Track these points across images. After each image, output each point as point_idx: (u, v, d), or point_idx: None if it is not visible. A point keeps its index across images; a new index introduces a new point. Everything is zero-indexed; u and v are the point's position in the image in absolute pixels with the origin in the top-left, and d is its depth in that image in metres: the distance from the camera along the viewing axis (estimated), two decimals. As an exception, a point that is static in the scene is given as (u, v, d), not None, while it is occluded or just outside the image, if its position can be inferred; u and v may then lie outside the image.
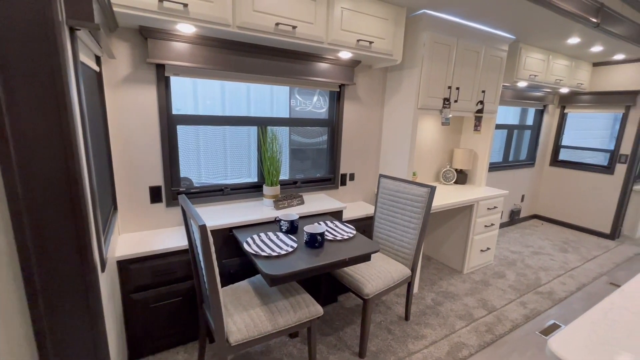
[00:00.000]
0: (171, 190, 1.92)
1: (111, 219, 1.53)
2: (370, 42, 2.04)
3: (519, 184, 4.27)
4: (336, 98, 2.46)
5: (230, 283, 1.88)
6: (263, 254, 1.52)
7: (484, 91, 2.76)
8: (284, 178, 2.42)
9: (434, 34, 2.30)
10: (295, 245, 1.62)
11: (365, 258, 1.67)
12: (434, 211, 2.44)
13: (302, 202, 2.21)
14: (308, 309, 1.56)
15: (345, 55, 2.14)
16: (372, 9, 2.02)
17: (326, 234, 1.81)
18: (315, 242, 1.62)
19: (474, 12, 2.23)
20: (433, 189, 1.96)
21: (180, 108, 1.99)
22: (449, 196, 2.69)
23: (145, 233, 1.87)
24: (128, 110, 1.74)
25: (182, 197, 1.51)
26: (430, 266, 3.05)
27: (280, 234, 1.76)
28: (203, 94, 2.07)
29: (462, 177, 3.21)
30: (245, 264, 1.91)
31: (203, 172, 2.12)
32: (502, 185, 4.05)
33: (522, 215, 4.49)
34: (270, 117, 2.25)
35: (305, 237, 1.64)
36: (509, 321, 2.26)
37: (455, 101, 2.59)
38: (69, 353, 0.95)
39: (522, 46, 3.05)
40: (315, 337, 1.63)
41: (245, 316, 1.46)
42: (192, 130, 2.02)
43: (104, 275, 1.16)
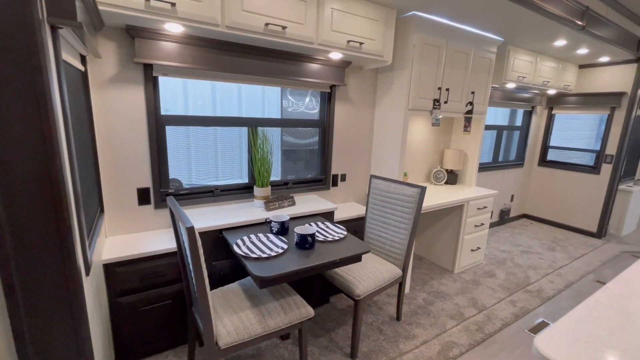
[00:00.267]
0: (160, 191, 1.90)
1: (97, 222, 1.50)
2: (361, 43, 2.04)
3: (508, 184, 4.33)
4: (327, 99, 2.46)
5: (220, 285, 1.86)
6: (253, 255, 1.50)
7: (473, 92, 2.79)
8: (275, 179, 2.41)
9: (424, 35, 2.32)
10: (285, 246, 1.61)
11: (356, 259, 1.67)
12: (425, 211, 2.46)
13: (293, 203, 2.20)
14: (299, 310, 1.55)
15: (335, 56, 2.14)
16: (362, 10, 2.03)
17: (317, 234, 1.80)
18: (305, 243, 1.61)
19: (462, 14, 2.26)
20: (423, 189, 1.98)
21: (169, 109, 1.96)
22: (440, 196, 2.71)
23: (133, 235, 1.84)
24: (115, 110, 1.71)
25: (171, 199, 1.49)
26: (422, 266, 3.07)
27: (270, 236, 1.75)
28: (193, 94, 2.05)
29: (452, 178, 3.23)
30: (235, 266, 1.90)
31: (194, 173, 2.10)
32: (492, 186, 4.10)
33: (511, 214, 4.55)
34: (261, 117, 2.23)
35: (295, 238, 1.64)
36: (499, 320, 2.29)
37: (445, 102, 2.61)
38: (51, 360, 0.93)
39: (511, 48, 3.09)
40: (306, 339, 1.62)
41: (235, 319, 1.44)
42: (182, 131, 2.00)
43: (88, 279, 1.14)
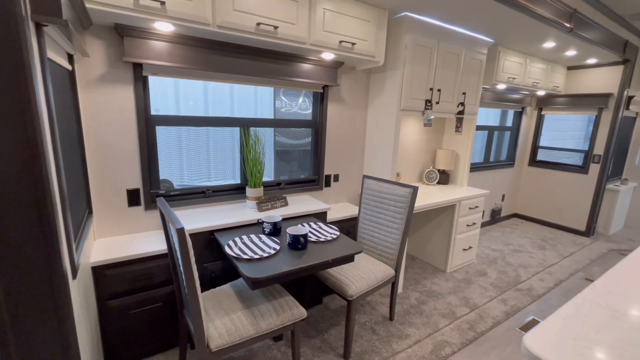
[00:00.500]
0: (150, 192, 1.87)
1: (85, 224, 1.47)
2: (353, 44, 2.05)
3: (499, 184, 4.38)
4: (320, 99, 2.46)
5: (212, 287, 1.84)
6: (245, 256, 1.49)
7: (464, 93, 2.82)
8: (268, 179, 2.39)
9: (416, 36, 2.34)
10: (277, 247, 1.60)
11: (348, 259, 1.67)
12: (417, 211, 2.47)
13: (285, 204, 2.19)
14: (291, 311, 1.54)
15: (328, 56, 2.14)
16: (354, 11, 2.03)
17: (309, 235, 1.80)
18: (298, 243, 1.61)
19: (453, 15, 2.28)
20: (415, 189, 1.99)
21: (159, 108, 1.94)
22: (432, 196, 2.73)
23: (122, 237, 1.81)
24: (103, 110, 1.68)
25: (161, 200, 1.47)
26: (415, 266, 3.08)
27: (262, 236, 1.74)
28: (185, 94, 2.03)
29: (444, 178, 3.26)
30: (227, 267, 1.88)
31: (185, 174, 2.07)
32: (484, 185, 4.15)
33: (502, 214, 4.61)
34: (253, 118, 2.22)
35: (288, 239, 1.63)
36: (490, 318, 2.31)
37: (437, 103, 2.63)
38: (36, 365, 0.91)
39: (501, 50, 3.13)
40: (299, 340, 1.61)
41: (227, 321, 1.43)
42: (174, 131, 1.98)
43: (75, 282, 1.11)
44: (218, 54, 1.86)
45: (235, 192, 2.20)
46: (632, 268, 1.27)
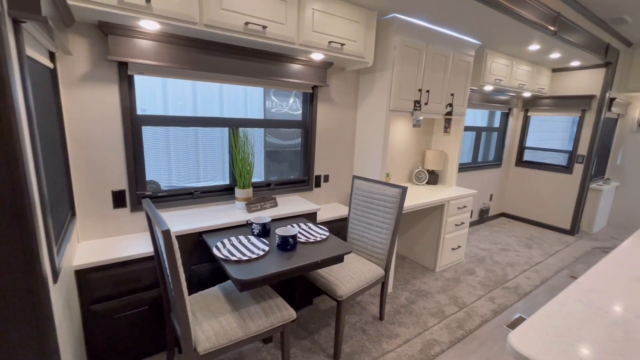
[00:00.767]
0: (136, 194, 1.84)
1: (68, 226, 1.44)
2: (342, 44, 2.05)
3: (487, 184, 4.45)
4: (309, 99, 2.46)
5: (200, 289, 1.82)
6: (233, 258, 1.47)
7: (452, 94, 2.85)
8: (257, 180, 2.38)
9: (404, 37, 2.35)
10: (266, 248, 1.59)
11: (338, 259, 1.67)
12: (407, 211, 2.49)
13: (275, 205, 2.18)
14: (280, 313, 1.53)
15: (317, 56, 2.14)
16: (343, 12, 2.04)
17: (299, 236, 1.79)
18: (287, 244, 1.60)
19: (441, 17, 2.31)
20: (404, 190, 2.00)
21: (146, 108, 1.90)
22: (421, 196, 2.75)
23: (108, 240, 1.77)
24: (87, 110, 1.64)
25: (147, 202, 1.44)
26: (405, 265, 3.10)
27: (251, 238, 1.72)
28: (173, 94, 2.00)
29: (433, 178, 3.29)
30: (216, 269, 1.86)
31: (174, 175, 2.04)
32: (472, 185, 4.21)
33: (490, 213, 4.68)
34: (242, 118, 2.20)
35: (277, 240, 1.62)
36: (479, 316, 2.34)
37: (426, 104, 2.66)
38: (14, 373, 0.88)
39: (488, 52, 3.18)
40: (288, 342, 1.60)
41: (215, 323, 1.41)
42: (162, 131, 1.94)
43: (56, 287, 1.08)
44: (206, 53, 1.84)
45: (224, 193, 2.18)
46: (613, 266, 1.31)
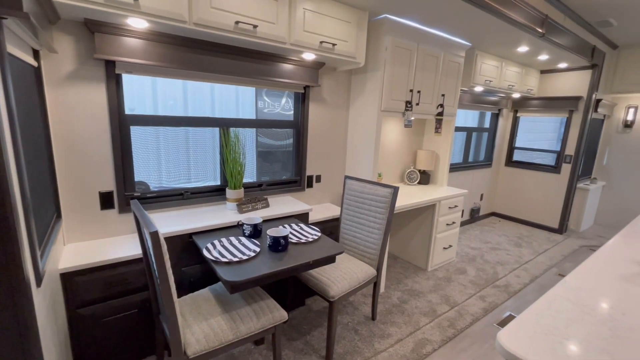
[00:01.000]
0: (124, 195, 1.80)
1: (53, 228, 1.40)
2: (334, 44, 2.05)
3: (478, 184, 4.50)
4: (301, 100, 2.45)
5: (191, 291, 1.79)
6: (224, 259, 1.46)
7: (443, 95, 2.87)
8: (249, 181, 2.36)
9: (396, 38, 2.36)
10: (258, 249, 1.58)
11: (329, 260, 1.66)
12: (399, 211, 2.50)
13: (267, 205, 2.16)
14: (272, 314, 1.52)
15: (308, 56, 2.13)
16: (334, 12, 2.04)
17: (290, 236, 1.78)
18: (278, 245, 1.59)
19: (432, 18, 2.32)
20: (396, 190, 2.00)
21: (135, 108, 1.87)
22: (413, 196, 2.77)
23: (95, 242, 1.73)
24: (73, 108, 1.60)
25: (135, 203, 1.41)
26: (397, 265, 3.12)
27: (242, 239, 1.71)
28: (164, 93, 1.97)
29: (425, 178, 3.32)
30: (206, 271, 1.83)
31: (164, 175, 2.01)
32: (463, 185, 4.25)
33: (481, 213, 4.74)
34: (233, 118, 2.18)
35: (268, 241, 1.60)
36: (470, 315, 2.36)
37: (417, 104, 2.67)
38: (-6, 380, 0.85)
39: (478, 53, 3.22)
40: (280, 343, 1.59)
41: (205, 326, 1.39)
42: (151, 131, 1.91)
43: (40, 290, 1.05)
44: (196, 52, 1.82)
45: (215, 193, 2.16)
46: (599, 264, 1.33)
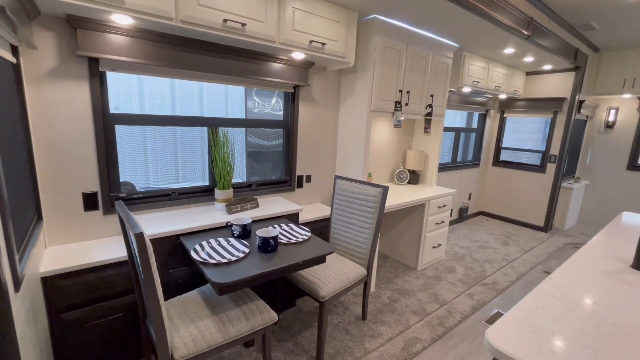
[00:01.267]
0: (109, 196, 1.76)
1: (33, 231, 1.35)
2: (323, 44, 2.04)
3: (466, 183, 4.56)
4: (291, 99, 2.43)
5: (178, 294, 1.76)
6: (212, 261, 1.43)
7: (432, 95, 2.90)
8: (239, 181, 2.33)
9: (385, 38, 2.37)
10: (247, 250, 1.56)
11: (319, 260, 1.66)
12: (389, 211, 2.51)
13: (256, 206, 2.14)
14: (261, 316, 1.50)
15: (298, 56, 2.12)
16: (324, 11, 2.03)
17: (280, 237, 1.76)
18: (268, 246, 1.57)
19: (420, 19, 2.34)
20: (386, 189, 2.01)
21: (120, 107, 1.83)
22: (403, 196, 2.79)
23: (78, 244, 1.69)
24: (55, 107, 1.55)
25: (120, 204, 1.38)
26: (387, 264, 3.13)
27: (231, 240, 1.68)
28: (150, 92, 1.93)
29: (414, 177, 3.34)
30: (194, 273, 1.80)
31: (151, 176, 1.97)
32: (451, 185, 4.30)
33: (469, 212, 4.80)
34: (221, 117, 2.15)
35: (257, 242, 1.59)
36: (459, 313, 2.39)
37: (406, 104, 2.69)
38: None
39: (466, 54, 3.26)
40: (270, 345, 1.58)
41: (193, 329, 1.37)
42: (138, 131, 1.87)
43: (19, 295, 1.01)
44: (184, 50, 1.79)
45: (204, 194, 2.13)
46: (583, 261, 1.36)
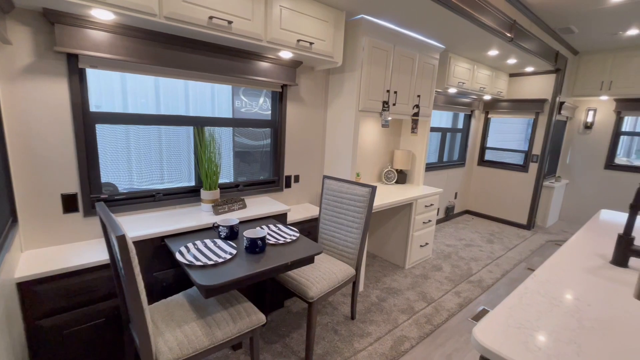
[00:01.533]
0: (90, 197, 1.70)
1: (7, 234, 1.29)
2: (311, 43, 2.03)
3: (452, 183, 4.64)
4: (279, 99, 2.41)
5: (163, 297, 1.72)
6: (198, 263, 1.40)
7: (419, 96, 2.93)
8: (226, 181, 2.30)
9: (372, 39, 2.38)
10: (234, 251, 1.53)
11: (308, 260, 1.65)
12: (377, 210, 2.52)
13: (244, 206, 2.11)
14: (249, 318, 1.48)
15: (286, 55, 2.10)
16: (311, 10, 2.02)
17: (268, 237, 1.74)
18: (255, 247, 1.55)
19: (407, 20, 2.36)
20: (374, 189, 2.02)
21: (101, 105, 1.77)
22: (390, 195, 2.80)
23: (57, 248, 1.62)
24: (31, 105, 1.49)
25: (100, 205, 1.33)
26: (375, 264, 3.15)
27: (218, 241, 1.65)
28: (134, 90, 1.87)
29: (402, 177, 3.37)
30: (180, 275, 1.76)
31: (135, 176, 1.92)
32: (438, 184, 4.37)
33: (455, 211, 4.88)
34: (207, 117, 2.11)
35: (245, 243, 1.56)
36: (446, 311, 2.42)
37: (394, 104, 2.71)
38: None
39: (451, 55, 3.31)
40: (258, 347, 1.55)
41: (179, 333, 1.33)
42: (121, 130, 1.81)
43: (-9, 303, 0.96)
44: (168, 47, 1.75)
45: (190, 195, 2.08)
46: (565, 257, 1.40)
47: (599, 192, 4.66)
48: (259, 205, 2.21)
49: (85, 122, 1.64)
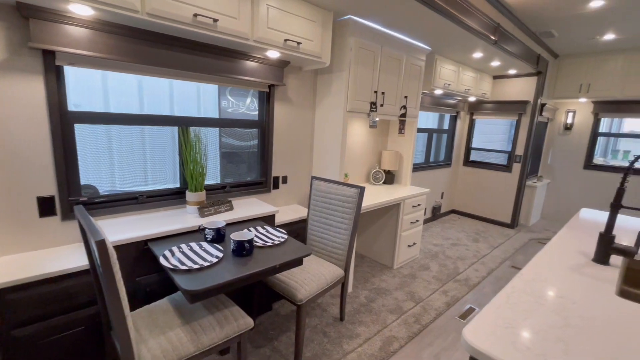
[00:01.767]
0: (68, 200, 1.63)
1: (-22, 240, 1.22)
2: (298, 43, 2.01)
3: (439, 183, 4.70)
4: (266, 99, 2.38)
5: (147, 303, 1.66)
6: (183, 267, 1.36)
7: (406, 97, 2.96)
8: (212, 182, 2.25)
9: (360, 39, 2.38)
10: (221, 255, 1.50)
11: (297, 263, 1.62)
12: (365, 211, 2.52)
13: (230, 208, 2.07)
14: (237, 322, 1.45)
15: (273, 54, 2.08)
16: (299, 10, 2.00)
17: (256, 240, 1.71)
18: (242, 249, 1.52)
19: (394, 21, 2.37)
20: (362, 190, 2.01)
21: (80, 104, 1.70)
22: (378, 196, 2.81)
23: (33, 253, 1.55)
24: (4, 104, 1.41)
25: (79, 208, 1.28)
26: (364, 264, 3.15)
27: (204, 244, 1.61)
28: (116, 89, 1.81)
29: (390, 177, 3.39)
30: (164, 280, 1.71)
31: (117, 178, 1.85)
32: (425, 184, 4.42)
33: (442, 210, 4.95)
34: (192, 117, 2.07)
35: (232, 245, 1.53)
36: (433, 310, 2.44)
37: (382, 105, 2.72)
38: None
39: (437, 57, 3.36)
40: (246, 352, 1.52)
41: (163, 340, 1.29)
42: (102, 130, 1.75)
43: (-41, 314, 0.90)
44: (151, 45, 1.70)
45: (174, 197, 2.03)
46: (549, 256, 1.43)
47: (578, 191, 4.81)
48: (247, 206, 2.18)
49: (62, 122, 1.57)
